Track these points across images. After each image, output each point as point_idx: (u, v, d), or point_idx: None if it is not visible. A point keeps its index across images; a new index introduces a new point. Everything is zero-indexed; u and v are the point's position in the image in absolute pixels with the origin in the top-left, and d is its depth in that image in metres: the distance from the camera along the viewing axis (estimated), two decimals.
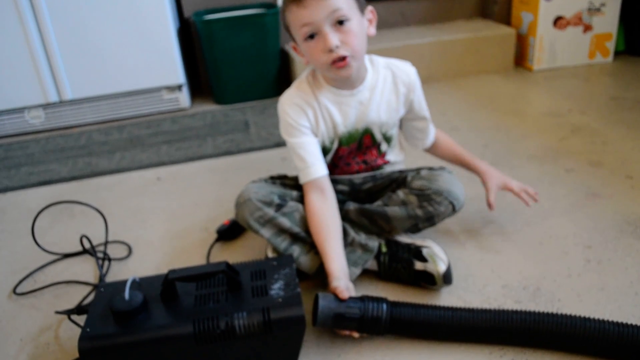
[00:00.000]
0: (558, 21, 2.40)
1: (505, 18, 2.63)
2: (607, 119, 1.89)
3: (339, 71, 1.05)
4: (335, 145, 1.18)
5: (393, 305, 0.97)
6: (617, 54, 2.55)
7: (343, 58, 1.03)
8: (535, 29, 2.41)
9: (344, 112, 1.15)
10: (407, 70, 1.18)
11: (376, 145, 1.21)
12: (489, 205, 1.24)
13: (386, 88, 1.17)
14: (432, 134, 1.29)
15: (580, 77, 2.35)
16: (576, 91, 2.20)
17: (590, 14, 2.40)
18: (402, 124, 1.25)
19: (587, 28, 2.43)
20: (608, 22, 2.43)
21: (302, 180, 1.14)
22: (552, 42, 2.43)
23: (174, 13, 2.27)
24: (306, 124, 1.14)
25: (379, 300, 0.97)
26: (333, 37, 1.01)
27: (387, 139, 1.21)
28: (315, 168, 1.13)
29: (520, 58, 2.55)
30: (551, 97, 2.16)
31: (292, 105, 1.13)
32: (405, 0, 2.62)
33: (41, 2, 2.04)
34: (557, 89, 2.24)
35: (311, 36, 1.03)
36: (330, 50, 1.02)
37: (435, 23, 2.69)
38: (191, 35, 2.43)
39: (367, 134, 1.18)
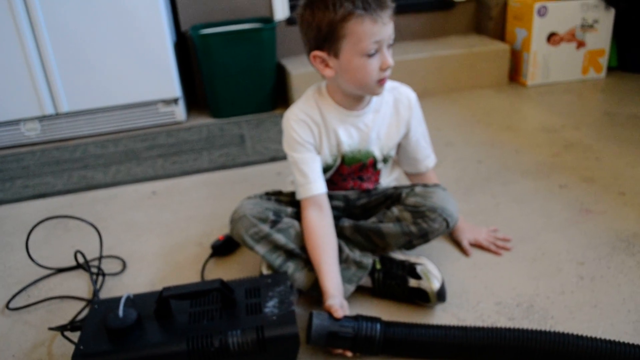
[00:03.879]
0: (552, 37, 2.42)
1: (500, 34, 2.66)
2: (600, 134, 1.91)
3: (381, 88, 1.10)
4: (338, 163, 1.19)
5: (387, 325, 0.97)
6: (610, 70, 2.57)
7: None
8: (529, 45, 2.43)
9: (348, 132, 1.16)
10: (409, 96, 1.21)
11: (374, 163, 1.22)
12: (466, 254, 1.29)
13: (388, 112, 1.19)
14: (426, 162, 1.29)
15: (573, 93, 2.37)
16: (570, 107, 2.22)
17: (583, 30, 2.43)
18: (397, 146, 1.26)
19: (580, 44, 2.45)
20: (601, 38, 2.45)
21: (301, 196, 1.15)
22: (546, 57, 2.45)
23: (170, 27, 2.29)
24: (311, 140, 1.15)
25: (373, 319, 0.97)
26: (391, 58, 1.06)
27: (385, 160, 1.23)
28: (316, 185, 1.14)
29: (515, 73, 2.57)
30: (545, 112, 2.17)
31: (298, 121, 1.14)
32: (400, 15, 2.62)
33: (38, 15, 2.05)
34: (550, 104, 2.26)
35: (370, 53, 1.04)
36: (385, 69, 1.06)
37: (430, 38, 2.71)
38: (188, 49, 2.44)
39: (370, 157, 1.20)
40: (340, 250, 1.13)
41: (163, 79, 2.25)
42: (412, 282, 1.08)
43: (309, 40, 1.08)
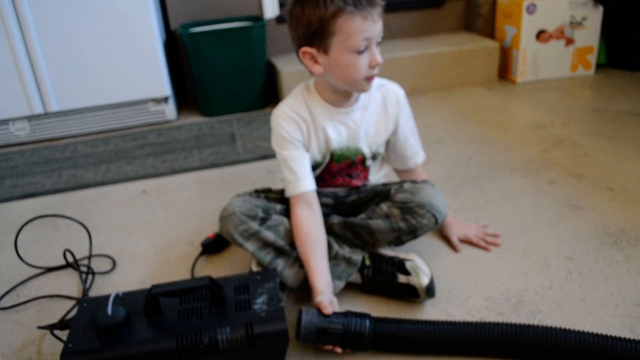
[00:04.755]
0: (541, 35, 2.44)
1: (489, 31, 2.67)
2: (589, 131, 1.92)
3: (369, 85, 1.10)
4: (327, 160, 1.19)
5: (376, 320, 0.97)
6: (599, 66, 2.59)
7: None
8: (519, 42, 2.44)
9: (336, 129, 1.16)
10: (397, 93, 1.22)
11: (363, 159, 1.22)
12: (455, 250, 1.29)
13: (376, 109, 1.19)
14: (415, 159, 1.29)
15: (562, 90, 2.39)
16: (559, 104, 2.23)
17: (572, 27, 2.44)
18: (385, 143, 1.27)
19: (569, 41, 2.47)
20: (589, 35, 2.47)
21: (290, 193, 1.15)
22: (535, 55, 2.46)
23: (160, 25, 2.28)
24: (299, 137, 1.15)
25: (362, 315, 0.97)
26: (379, 55, 1.07)
27: (374, 156, 1.23)
28: (304, 182, 1.14)
29: (504, 71, 2.58)
30: (534, 109, 2.19)
31: (286, 119, 1.14)
32: (390, 13, 2.64)
33: (27, 14, 2.04)
34: (540, 101, 2.27)
35: (359, 50, 1.04)
36: (374, 67, 1.06)
37: (420, 36, 2.72)
38: (178, 48, 2.43)
39: (359, 154, 1.20)
40: (330, 247, 1.13)
41: (153, 78, 2.24)
42: (401, 278, 1.09)
43: (298, 36, 1.08)
